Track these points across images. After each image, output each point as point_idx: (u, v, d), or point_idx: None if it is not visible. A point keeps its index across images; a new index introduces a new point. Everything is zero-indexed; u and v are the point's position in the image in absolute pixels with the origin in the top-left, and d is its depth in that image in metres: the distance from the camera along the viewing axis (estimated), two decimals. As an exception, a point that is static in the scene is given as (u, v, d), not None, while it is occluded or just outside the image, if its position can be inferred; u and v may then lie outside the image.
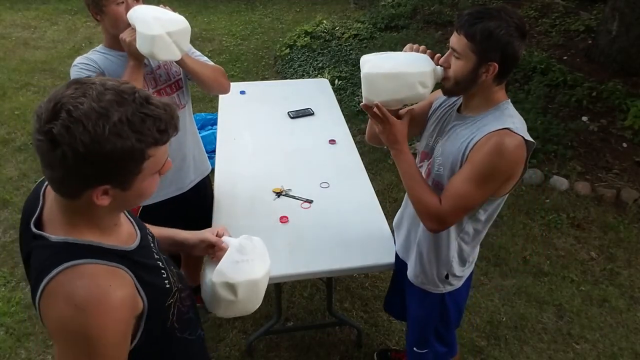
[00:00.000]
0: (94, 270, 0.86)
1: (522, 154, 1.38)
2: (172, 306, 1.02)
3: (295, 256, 1.80)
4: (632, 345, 2.41)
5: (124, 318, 0.88)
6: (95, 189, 0.83)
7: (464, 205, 1.40)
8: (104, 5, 1.63)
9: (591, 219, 3.20)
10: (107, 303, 0.84)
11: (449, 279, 1.64)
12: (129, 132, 0.79)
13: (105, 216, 0.92)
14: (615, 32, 4.47)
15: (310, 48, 5.40)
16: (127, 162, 0.82)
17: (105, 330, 0.84)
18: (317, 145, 2.46)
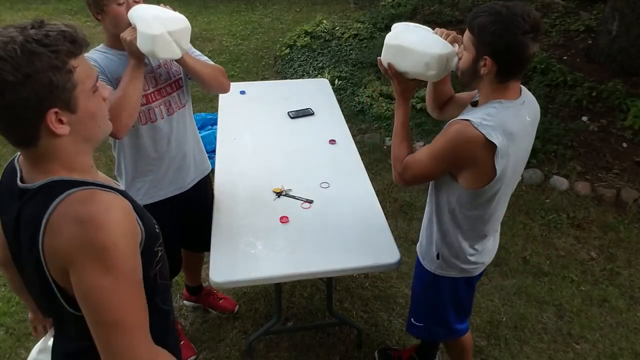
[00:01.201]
0: (91, 192, 0.90)
1: (475, 148, 1.39)
2: (158, 254, 1.04)
3: (295, 256, 1.80)
4: (632, 345, 2.41)
5: (129, 230, 0.91)
6: (47, 117, 0.86)
7: (418, 169, 1.54)
8: (104, 5, 1.63)
9: (591, 219, 3.20)
10: (111, 214, 0.87)
11: (439, 259, 1.70)
12: (40, 47, 0.83)
13: (76, 155, 0.94)
14: (615, 32, 4.47)
15: (310, 48, 5.40)
16: (55, 75, 0.84)
17: (116, 240, 0.86)
18: (317, 145, 2.46)
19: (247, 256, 1.79)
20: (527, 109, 1.48)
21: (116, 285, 0.87)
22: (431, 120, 4.12)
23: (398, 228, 3.08)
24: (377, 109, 4.25)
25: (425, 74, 1.53)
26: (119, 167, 1.90)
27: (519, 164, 1.52)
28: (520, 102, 1.46)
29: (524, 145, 1.50)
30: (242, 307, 2.56)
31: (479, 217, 1.59)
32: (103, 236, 0.85)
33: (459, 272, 1.71)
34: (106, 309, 0.88)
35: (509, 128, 1.40)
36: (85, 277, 0.87)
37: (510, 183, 1.55)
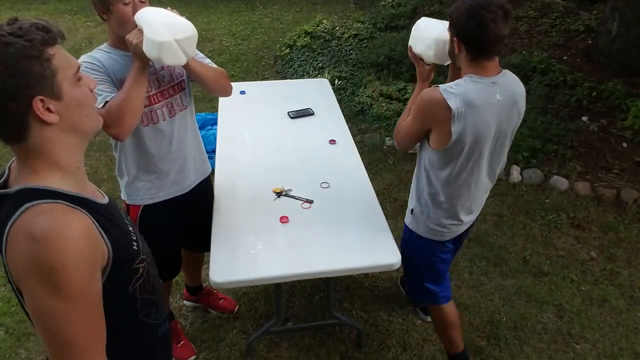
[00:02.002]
0: (53, 207, 0.88)
1: (436, 109, 1.60)
2: (138, 271, 1.02)
3: (295, 256, 1.80)
4: (632, 345, 2.41)
5: (85, 251, 0.88)
6: (34, 105, 0.87)
7: (403, 131, 1.78)
8: (111, 4, 1.62)
9: (591, 219, 3.20)
10: (66, 234, 0.85)
11: (412, 215, 1.92)
12: (15, 39, 0.85)
13: (65, 151, 0.94)
14: (615, 32, 4.47)
15: (310, 48, 5.40)
16: (33, 63, 0.86)
17: (67, 260, 0.84)
18: (317, 145, 2.46)
19: (247, 256, 1.79)
20: (500, 89, 1.62)
21: (65, 307, 0.85)
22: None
23: (398, 228, 3.08)
24: (377, 109, 4.25)
25: (427, 55, 1.81)
26: (120, 167, 1.90)
27: (483, 137, 1.64)
28: (492, 80, 1.61)
29: (489, 119, 1.62)
30: (242, 307, 2.56)
31: (448, 183, 1.75)
32: (52, 256, 0.83)
33: (428, 232, 1.88)
34: (55, 329, 0.86)
35: (469, 98, 1.57)
36: (34, 296, 0.86)
37: (475, 156, 1.68)
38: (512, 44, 5.21)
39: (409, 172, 3.62)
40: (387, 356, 2.33)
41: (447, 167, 1.71)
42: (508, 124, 1.68)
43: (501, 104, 1.62)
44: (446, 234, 1.88)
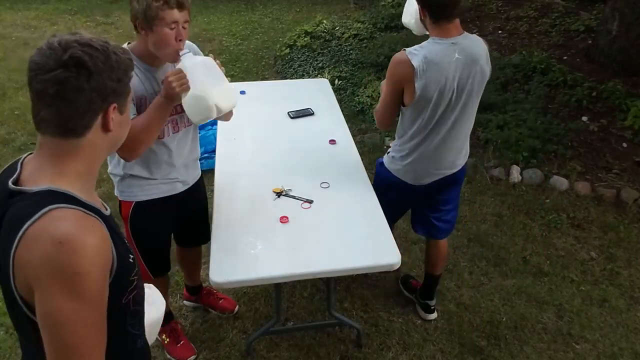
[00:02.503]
0: (75, 213, 0.90)
1: (403, 68, 1.86)
2: (133, 283, 1.03)
3: (295, 256, 1.80)
4: (632, 345, 2.41)
5: (102, 258, 0.91)
6: (110, 109, 0.96)
7: (381, 102, 2.03)
8: (155, 24, 1.60)
9: (591, 219, 3.20)
10: (89, 239, 0.88)
11: (388, 156, 2.20)
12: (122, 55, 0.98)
13: (97, 159, 1.00)
14: (615, 32, 4.47)
15: (310, 48, 5.40)
16: (125, 77, 0.98)
17: (90, 265, 0.87)
18: (317, 145, 2.46)
19: (247, 256, 1.79)
20: (459, 48, 1.85)
21: (80, 311, 0.87)
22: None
23: (398, 228, 3.08)
24: (377, 109, 4.24)
25: (410, 23, 2.13)
26: (115, 165, 1.90)
27: (445, 92, 1.87)
28: (452, 41, 1.85)
29: (449, 75, 1.84)
30: (242, 307, 2.56)
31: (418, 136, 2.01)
32: (78, 261, 0.85)
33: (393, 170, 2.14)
34: (65, 332, 0.87)
35: (430, 57, 1.82)
36: (50, 298, 0.86)
37: (441, 109, 1.92)
38: (512, 44, 5.21)
39: (409, 172, 3.62)
40: (387, 356, 2.33)
41: (417, 121, 1.96)
42: (467, 81, 1.88)
43: (460, 62, 1.85)
44: (409, 177, 2.12)
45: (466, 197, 3.39)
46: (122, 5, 7.30)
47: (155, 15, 1.58)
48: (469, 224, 3.15)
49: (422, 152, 2.03)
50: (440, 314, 2.54)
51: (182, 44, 1.66)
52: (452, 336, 2.43)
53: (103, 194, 3.27)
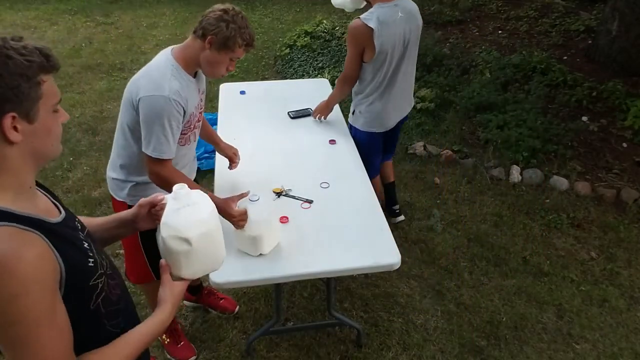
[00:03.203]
0: (5, 231, 0.85)
1: (362, 32, 2.28)
2: (97, 287, 1.01)
3: (295, 256, 1.80)
4: (632, 345, 2.41)
5: (44, 272, 0.87)
6: (4, 119, 0.86)
7: (346, 67, 2.46)
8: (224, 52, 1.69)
9: (591, 219, 3.20)
10: (22, 256, 0.83)
11: (355, 114, 2.62)
12: (16, 55, 0.87)
13: (18, 170, 0.92)
14: (615, 32, 4.48)
15: (310, 48, 5.40)
16: (23, 82, 0.87)
17: (29, 285, 0.83)
18: (317, 145, 2.46)
19: (247, 256, 1.79)
20: (401, 8, 2.31)
21: (32, 331, 0.85)
22: (430, 120, 4.12)
23: (398, 228, 3.08)
24: (377, 109, 4.25)
25: (343, 4, 2.60)
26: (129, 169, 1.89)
27: (397, 44, 2.34)
28: (394, 3, 2.30)
29: (397, 31, 2.31)
30: (242, 307, 2.56)
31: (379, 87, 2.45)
32: (14, 283, 0.81)
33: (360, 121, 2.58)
34: (29, 354, 0.86)
35: (382, 18, 2.26)
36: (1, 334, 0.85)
37: (396, 60, 2.38)
38: (512, 44, 5.21)
39: (409, 172, 3.62)
40: (387, 356, 2.33)
41: (378, 73, 2.39)
42: (410, 34, 2.37)
43: (403, 19, 2.32)
44: (375, 125, 2.56)
45: (466, 197, 3.39)
46: (122, 5, 7.30)
47: (232, 48, 1.68)
48: (469, 224, 3.15)
49: (386, 99, 2.48)
50: (440, 314, 2.54)
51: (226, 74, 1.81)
52: (452, 336, 2.43)
53: (104, 194, 3.27)
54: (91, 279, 0.99)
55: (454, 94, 4.38)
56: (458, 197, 3.39)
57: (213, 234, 1.16)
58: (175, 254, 1.11)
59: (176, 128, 1.71)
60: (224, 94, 2.93)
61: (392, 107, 2.53)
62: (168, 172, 1.76)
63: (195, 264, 1.15)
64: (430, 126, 4.08)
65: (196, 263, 1.15)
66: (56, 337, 0.89)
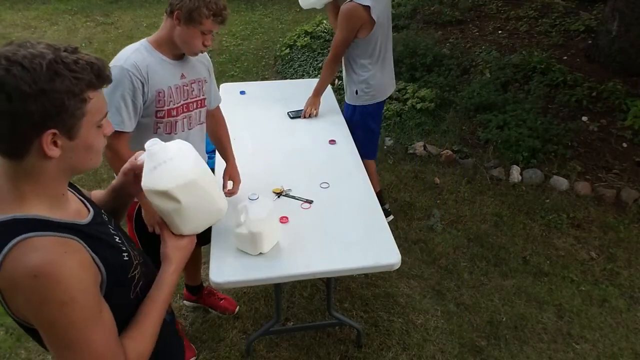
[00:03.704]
0: (45, 242, 0.86)
1: (353, 13, 2.46)
2: (134, 278, 1.03)
3: (295, 256, 1.80)
4: (632, 345, 2.41)
5: (87, 278, 0.88)
6: (44, 135, 0.85)
7: (334, 44, 2.62)
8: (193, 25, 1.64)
9: (591, 219, 3.20)
10: (66, 265, 0.85)
11: (357, 94, 2.72)
12: (65, 71, 0.84)
13: (53, 181, 0.92)
14: (615, 32, 4.47)
15: (310, 48, 5.40)
16: (68, 100, 0.85)
17: (74, 293, 0.85)
18: (317, 145, 2.46)
19: (247, 256, 1.79)
20: None
21: (84, 334, 0.87)
22: (430, 120, 4.12)
23: (398, 228, 3.08)
24: (377, 109, 4.25)
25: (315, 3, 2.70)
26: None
27: (387, 19, 2.62)
28: None
29: (386, 7, 2.60)
30: (242, 307, 2.56)
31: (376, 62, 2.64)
32: (60, 292, 0.83)
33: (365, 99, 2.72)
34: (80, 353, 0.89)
35: None
36: (51, 331, 0.87)
37: (384, 32, 2.61)
38: (512, 44, 5.21)
39: (409, 172, 3.62)
40: (387, 356, 2.33)
41: (376, 46, 2.58)
42: (390, 8, 2.69)
43: None
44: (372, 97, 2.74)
45: (466, 197, 3.39)
46: (122, 5, 7.31)
47: (199, 20, 1.64)
48: (469, 224, 3.15)
49: (383, 67, 2.69)
50: (440, 314, 2.54)
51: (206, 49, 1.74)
52: (452, 336, 2.43)
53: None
54: (129, 272, 1.01)
55: (454, 94, 4.38)
56: (458, 197, 3.39)
57: (199, 183, 1.08)
58: (167, 213, 1.07)
59: (131, 100, 1.68)
60: (224, 94, 2.91)
61: (388, 75, 2.78)
62: (118, 146, 1.70)
63: (193, 219, 1.10)
64: (430, 126, 4.08)
65: (193, 218, 1.10)
66: (104, 334, 0.91)
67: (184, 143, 1.11)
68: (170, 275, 1.09)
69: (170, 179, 1.03)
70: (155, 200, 1.05)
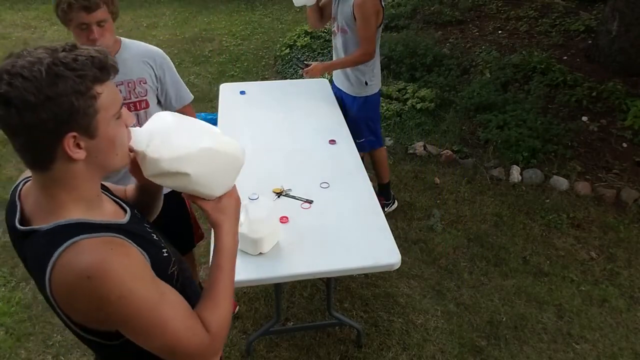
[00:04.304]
0: (91, 243, 0.87)
1: (372, 2, 2.55)
2: (174, 275, 1.04)
3: (295, 256, 1.80)
4: (632, 345, 2.41)
5: (138, 268, 0.89)
6: (65, 141, 0.84)
7: (368, 37, 2.63)
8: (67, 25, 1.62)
9: (591, 219, 3.20)
10: (115, 261, 0.85)
11: (367, 85, 2.81)
12: (66, 71, 0.82)
13: (86, 183, 0.92)
14: (615, 32, 4.47)
15: (310, 48, 5.40)
16: (77, 100, 0.83)
17: (129, 284, 0.85)
18: (317, 145, 2.46)
19: (247, 256, 1.79)
20: None
21: (155, 317, 0.89)
22: (430, 120, 4.12)
23: (398, 228, 3.08)
24: (377, 109, 4.25)
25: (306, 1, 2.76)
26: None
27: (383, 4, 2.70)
28: None
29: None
30: (242, 307, 2.56)
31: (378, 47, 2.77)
32: (116, 287, 0.84)
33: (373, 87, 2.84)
34: (158, 334, 0.91)
35: None
36: (122, 324, 0.89)
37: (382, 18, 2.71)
38: (512, 44, 5.21)
39: (408, 172, 3.62)
40: (387, 356, 2.33)
41: (379, 34, 2.72)
42: None
43: None
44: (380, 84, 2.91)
45: (466, 197, 3.39)
46: (122, 5, 7.28)
47: (64, 17, 1.61)
48: (469, 224, 3.15)
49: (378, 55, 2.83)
50: (440, 314, 2.54)
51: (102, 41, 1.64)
52: (452, 336, 2.43)
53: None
54: (169, 268, 1.02)
55: (454, 94, 4.38)
56: (458, 197, 3.39)
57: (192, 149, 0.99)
58: (186, 188, 1.02)
59: None
60: (223, 94, 2.93)
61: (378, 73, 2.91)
62: None
63: (213, 179, 1.04)
64: (430, 126, 4.08)
65: (212, 178, 1.04)
66: (176, 313, 0.93)
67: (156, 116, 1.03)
68: (224, 237, 1.07)
69: (162, 159, 0.97)
70: (167, 182, 1.01)
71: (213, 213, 1.07)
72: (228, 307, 1.03)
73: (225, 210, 1.08)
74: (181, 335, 0.92)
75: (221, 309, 1.01)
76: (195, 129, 1.05)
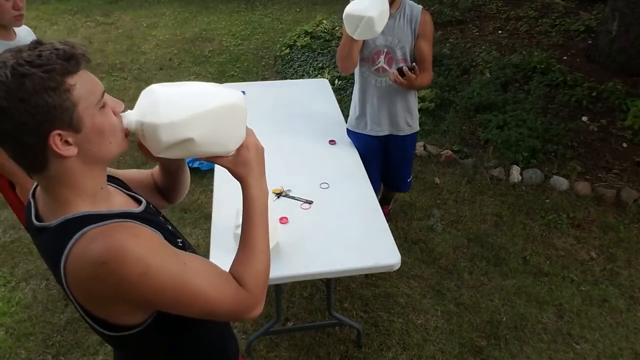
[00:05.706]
0: (101, 230, 0.87)
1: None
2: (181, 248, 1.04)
3: (295, 257, 1.80)
4: (632, 345, 2.41)
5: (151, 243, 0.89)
6: (51, 140, 0.83)
7: (431, 56, 2.34)
8: None
9: (591, 219, 3.20)
10: (126, 241, 0.85)
11: (414, 118, 2.54)
12: (32, 69, 0.79)
13: (86, 177, 0.91)
14: (615, 32, 4.47)
15: (310, 48, 5.40)
16: (50, 96, 0.81)
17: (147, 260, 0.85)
18: (317, 145, 2.46)
19: (247, 256, 1.79)
20: None
21: (182, 285, 0.89)
22: (430, 120, 4.12)
23: (398, 228, 3.08)
24: (377, 109, 4.25)
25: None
26: None
27: None
28: None
29: None
30: (242, 307, 2.56)
31: None
32: (132, 266, 0.84)
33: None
34: (189, 301, 0.91)
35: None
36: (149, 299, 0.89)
37: None
38: (512, 44, 5.21)
39: (409, 172, 3.62)
40: (387, 356, 2.33)
41: None
42: None
43: None
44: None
45: (466, 197, 3.39)
46: (122, 5, 7.31)
47: None
48: (469, 224, 3.15)
49: None
50: (440, 314, 2.54)
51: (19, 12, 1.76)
52: (452, 336, 2.43)
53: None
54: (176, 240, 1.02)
55: (454, 94, 4.38)
56: (458, 197, 3.39)
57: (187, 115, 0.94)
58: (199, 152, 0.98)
59: None
60: (224, 94, 2.93)
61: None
62: None
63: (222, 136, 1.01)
64: (430, 126, 4.07)
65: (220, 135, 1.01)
66: (203, 279, 0.93)
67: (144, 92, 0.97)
68: (251, 190, 1.06)
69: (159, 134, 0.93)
70: (178, 153, 0.96)
71: (234, 168, 1.06)
72: (263, 260, 1.04)
73: (246, 162, 1.07)
74: (214, 299, 0.93)
75: (256, 263, 1.02)
76: (184, 92, 0.98)
